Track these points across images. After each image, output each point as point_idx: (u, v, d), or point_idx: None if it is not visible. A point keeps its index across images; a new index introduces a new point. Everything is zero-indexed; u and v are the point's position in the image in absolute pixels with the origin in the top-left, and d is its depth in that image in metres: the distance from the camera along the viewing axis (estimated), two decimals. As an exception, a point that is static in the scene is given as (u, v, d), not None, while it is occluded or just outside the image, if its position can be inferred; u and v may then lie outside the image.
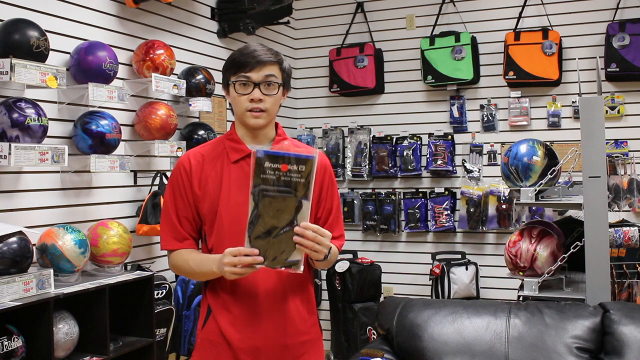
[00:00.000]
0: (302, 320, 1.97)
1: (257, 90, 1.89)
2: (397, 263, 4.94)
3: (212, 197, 1.93)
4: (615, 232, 2.84)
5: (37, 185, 2.98)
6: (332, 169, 2.09)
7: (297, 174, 1.67)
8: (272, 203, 1.68)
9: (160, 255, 3.71)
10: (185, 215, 1.96)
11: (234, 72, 1.91)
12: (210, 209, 1.93)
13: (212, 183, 1.94)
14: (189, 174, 1.96)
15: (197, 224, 1.99)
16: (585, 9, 4.47)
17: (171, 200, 1.97)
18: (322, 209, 2.00)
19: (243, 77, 1.89)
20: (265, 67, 1.89)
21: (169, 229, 1.98)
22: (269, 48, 1.94)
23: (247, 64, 1.89)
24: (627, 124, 4.37)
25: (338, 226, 2.05)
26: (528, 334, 2.47)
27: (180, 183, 1.96)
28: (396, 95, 5.01)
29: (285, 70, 1.95)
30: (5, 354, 2.39)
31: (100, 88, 3.06)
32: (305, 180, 1.68)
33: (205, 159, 1.97)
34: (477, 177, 4.65)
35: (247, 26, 4.29)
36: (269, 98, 1.91)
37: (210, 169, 1.96)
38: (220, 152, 1.98)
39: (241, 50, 1.93)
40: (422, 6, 4.91)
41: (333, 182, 2.05)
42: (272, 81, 1.91)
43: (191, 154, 2.00)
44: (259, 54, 1.89)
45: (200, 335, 1.99)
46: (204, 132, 3.84)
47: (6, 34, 2.67)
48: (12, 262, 2.52)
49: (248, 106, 1.91)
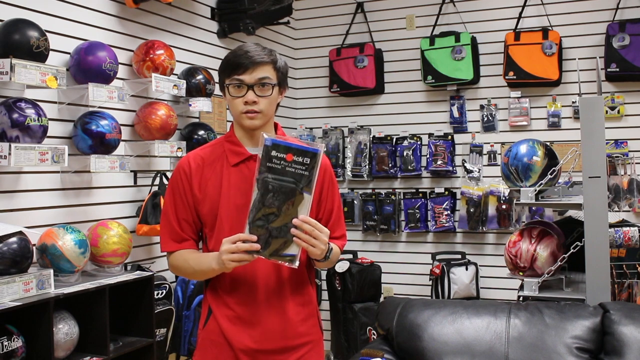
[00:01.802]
0: (302, 321, 1.98)
1: (251, 92, 1.89)
2: (397, 263, 4.94)
3: (212, 200, 1.93)
4: (615, 232, 2.84)
5: (37, 185, 2.98)
6: (333, 169, 2.09)
7: (301, 166, 1.71)
8: (274, 192, 1.71)
9: (160, 256, 3.71)
10: (185, 218, 1.96)
11: (228, 74, 1.91)
12: (210, 212, 1.94)
13: (212, 186, 1.94)
14: (189, 177, 1.96)
15: (197, 226, 1.99)
16: (585, 9, 4.47)
17: (171, 203, 1.98)
18: (323, 210, 2.00)
19: (236, 79, 1.89)
20: (258, 68, 1.88)
21: (168, 231, 1.98)
22: (263, 47, 1.93)
23: (240, 65, 1.88)
24: (627, 124, 4.37)
25: (339, 226, 2.05)
26: (528, 334, 2.47)
27: (180, 186, 1.97)
28: (396, 95, 5.01)
29: (280, 69, 1.93)
30: (5, 354, 2.39)
31: (100, 88, 3.06)
32: (309, 173, 1.71)
33: (205, 162, 1.97)
34: (477, 177, 4.65)
35: (247, 26, 4.29)
36: (263, 99, 1.90)
37: (210, 172, 1.96)
38: (220, 155, 1.98)
39: (234, 52, 1.92)
40: (422, 6, 4.91)
41: (334, 182, 2.05)
42: (266, 82, 1.90)
43: (191, 156, 2.00)
44: (251, 54, 1.88)
45: (201, 335, 2.00)
46: (204, 132, 3.84)
47: (6, 34, 2.67)
48: (12, 262, 2.52)
49: (243, 108, 1.90)
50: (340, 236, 2.04)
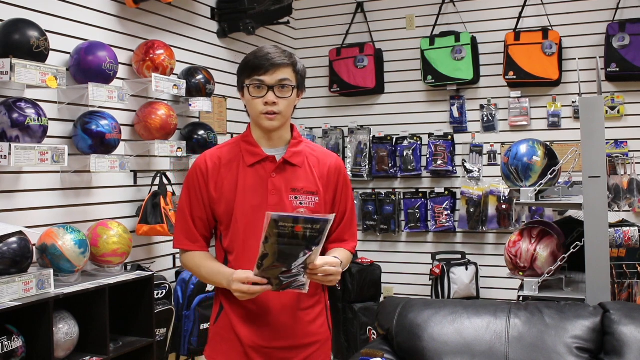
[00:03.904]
0: (312, 321, 2.00)
1: (271, 93, 1.91)
2: (397, 263, 4.94)
3: (228, 200, 1.95)
4: (615, 232, 2.84)
5: (37, 185, 2.98)
6: (347, 171, 2.13)
7: (311, 231, 1.67)
8: (283, 250, 1.69)
9: (160, 255, 3.72)
10: (199, 216, 1.99)
11: (248, 75, 1.93)
12: (226, 212, 1.96)
13: (228, 186, 1.96)
14: (205, 176, 1.98)
15: (211, 224, 2.02)
16: (585, 9, 4.47)
17: (187, 201, 2.00)
18: (337, 212, 2.03)
19: (257, 80, 1.91)
20: (279, 70, 1.91)
21: (182, 228, 2.01)
22: (283, 50, 1.96)
23: (261, 67, 1.90)
24: (627, 124, 4.37)
25: (351, 229, 2.09)
26: (528, 334, 2.47)
27: (196, 184, 1.99)
28: (396, 95, 5.00)
29: (299, 72, 1.97)
30: (5, 354, 2.39)
31: (100, 88, 3.06)
32: (319, 235, 1.68)
33: (222, 162, 1.99)
34: (477, 177, 4.64)
35: (247, 26, 4.29)
36: (282, 101, 1.93)
37: (226, 172, 1.98)
38: (236, 155, 2.00)
39: (255, 53, 1.94)
40: (422, 6, 4.90)
41: (348, 184, 2.09)
42: (286, 84, 1.93)
43: (208, 155, 2.02)
44: (272, 56, 1.91)
45: (212, 330, 2.04)
46: (203, 132, 3.84)
47: (6, 34, 2.67)
48: (12, 262, 2.52)
49: (262, 109, 1.92)
50: (350, 239, 2.07)
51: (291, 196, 1.95)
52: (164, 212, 3.38)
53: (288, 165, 1.98)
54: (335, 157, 2.10)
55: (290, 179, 1.97)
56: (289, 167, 1.98)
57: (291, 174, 1.98)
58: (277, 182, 1.95)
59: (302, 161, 2.00)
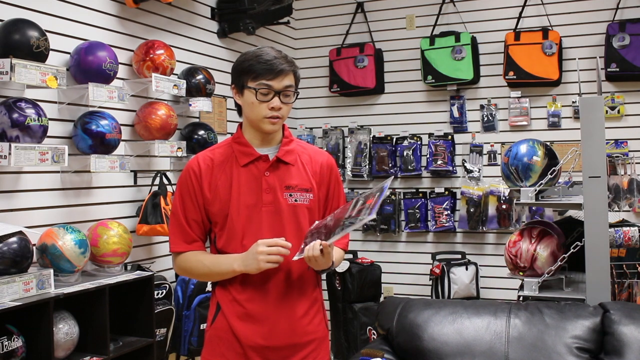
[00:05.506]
0: (310, 320, 2.01)
1: (277, 99, 1.93)
2: (397, 263, 4.94)
3: (223, 200, 1.96)
4: (615, 232, 2.84)
5: (37, 185, 2.98)
6: (338, 168, 2.16)
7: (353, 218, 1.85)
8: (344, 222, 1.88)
9: (160, 255, 3.71)
10: (194, 218, 1.99)
11: (254, 78, 1.92)
12: (220, 212, 1.97)
13: (223, 186, 1.97)
14: (198, 178, 1.98)
15: (206, 226, 2.02)
16: (585, 9, 4.47)
17: (180, 203, 2.00)
18: (330, 208, 2.06)
19: (265, 85, 1.91)
20: (286, 76, 1.93)
21: (178, 231, 2.01)
22: (284, 55, 1.96)
23: (269, 72, 1.90)
24: (627, 124, 4.37)
25: None
26: (528, 334, 2.47)
27: (189, 186, 1.99)
28: (396, 95, 5.00)
29: (298, 78, 1.99)
30: (5, 354, 2.39)
31: (100, 88, 3.06)
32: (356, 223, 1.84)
33: (214, 163, 2.00)
34: (477, 177, 4.64)
35: (247, 26, 4.29)
36: (285, 106, 1.96)
37: (220, 173, 1.99)
38: (229, 156, 2.01)
39: (258, 56, 1.93)
40: (422, 6, 4.90)
41: (339, 181, 2.11)
42: (290, 90, 1.95)
43: (200, 157, 2.03)
44: (280, 62, 1.91)
45: (209, 332, 2.03)
46: (204, 132, 3.84)
47: (6, 34, 2.67)
48: (12, 262, 2.52)
49: (267, 113, 1.93)
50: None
51: (286, 194, 1.97)
52: (164, 212, 3.38)
53: (281, 164, 2.00)
54: (326, 154, 2.13)
55: (284, 176, 1.99)
56: (282, 166, 2.00)
57: (284, 171, 1.99)
58: (270, 181, 1.97)
59: (295, 159, 2.02)
